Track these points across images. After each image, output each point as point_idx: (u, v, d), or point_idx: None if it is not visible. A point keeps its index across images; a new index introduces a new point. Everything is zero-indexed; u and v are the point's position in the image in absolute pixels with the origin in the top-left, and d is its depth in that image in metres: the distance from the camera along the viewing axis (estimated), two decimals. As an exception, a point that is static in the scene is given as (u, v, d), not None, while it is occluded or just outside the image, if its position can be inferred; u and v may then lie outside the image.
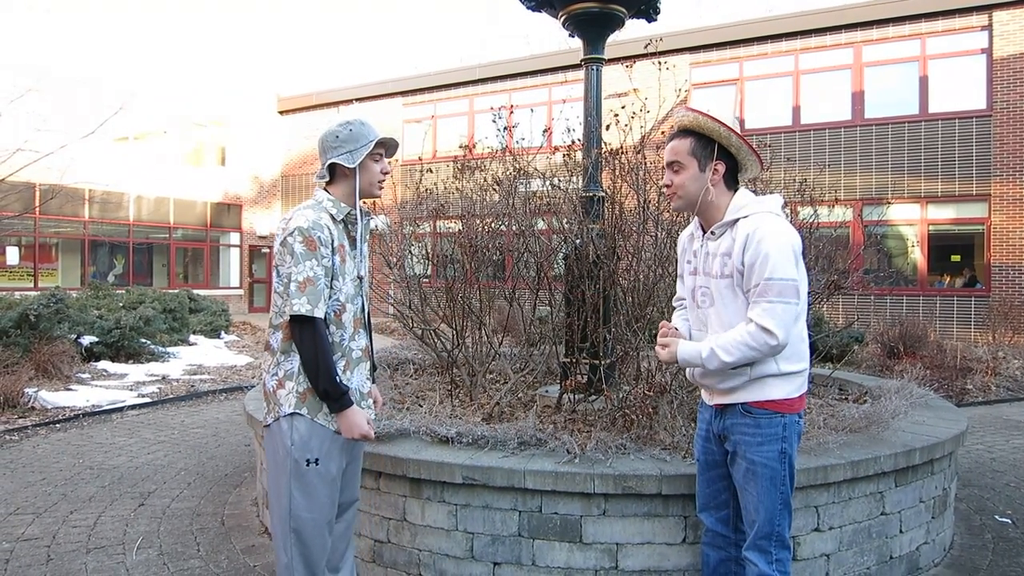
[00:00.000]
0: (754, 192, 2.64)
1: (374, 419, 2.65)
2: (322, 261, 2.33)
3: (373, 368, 2.65)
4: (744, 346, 2.24)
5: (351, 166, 2.43)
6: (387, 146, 2.55)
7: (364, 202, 2.57)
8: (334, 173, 2.47)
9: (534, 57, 18.74)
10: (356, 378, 2.50)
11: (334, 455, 2.41)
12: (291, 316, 2.30)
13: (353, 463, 2.59)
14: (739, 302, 2.33)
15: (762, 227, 2.27)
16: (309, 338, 2.31)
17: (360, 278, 2.53)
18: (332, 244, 2.37)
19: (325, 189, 2.49)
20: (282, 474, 2.37)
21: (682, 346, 2.41)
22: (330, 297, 2.37)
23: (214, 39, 24.69)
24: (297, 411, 2.35)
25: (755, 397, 2.33)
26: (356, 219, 2.49)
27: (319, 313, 2.30)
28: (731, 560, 2.53)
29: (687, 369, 2.56)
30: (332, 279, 2.38)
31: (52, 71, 12.24)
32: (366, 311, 2.58)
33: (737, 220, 2.34)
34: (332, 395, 2.34)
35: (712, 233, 2.42)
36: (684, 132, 2.44)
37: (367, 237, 2.62)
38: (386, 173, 2.56)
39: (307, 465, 2.35)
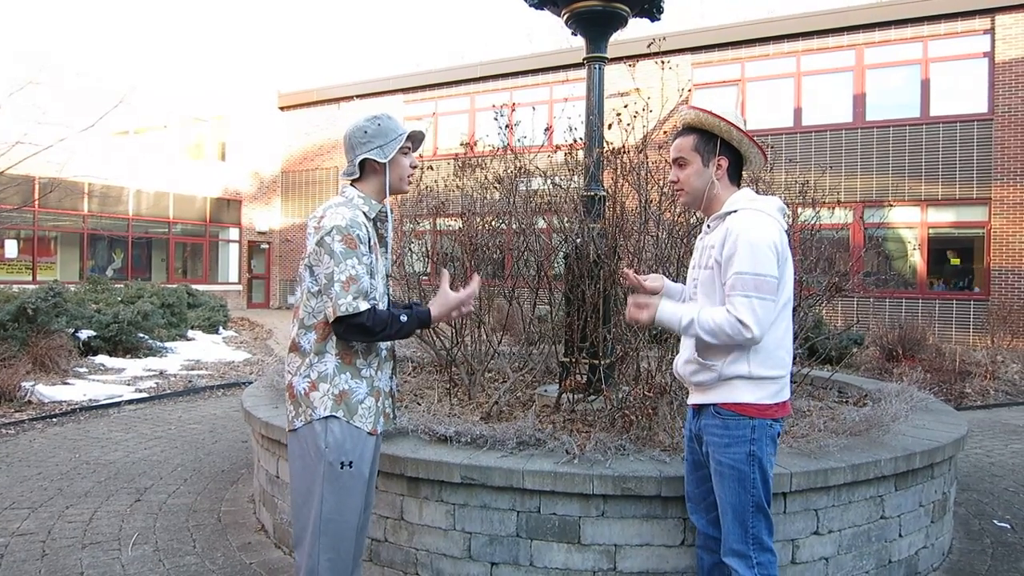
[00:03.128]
0: (756, 193, 2.64)
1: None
2: (363, 259, 2.28)
3: (394, 366, 2.63)
4: (721, 331, 2.23)
5: (383, 160, 2.39)
6: (415, 140, 2.52)
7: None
8: (362, 169, 2.43)
9: (536, 55, 18.73)
10: (384, 378, 2.48)
11: (367, 457, 2.38)
12: (338, 317, 2.23)
13: (373, 465, 2.54)
14: (718, 294, 2.35)
15: (744, 223, 2.29)
16: (365, 329, 2.25)
17: (388, 276, 2.51)
18: (369, 242, 2.34)
19: (352, 186, 2.45)
20: (312, 477, 2.33)
21: (664, 306, 2.38)
22: (367, 295, 2.31)
23: (216, 34, 24.68)
24: (333, 414, 2.31)
25: (724, 399, 2.34)
26: (387, 216, 2.47)
27: (364, 305, 2.24)
28: (725, 563, 2.52)
29: (674, 364, 2.56)
30: (371, 278, 2.34)
31: (52, 64, 12.21)
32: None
33: (728, 214, 2.37)
34: (421, 325, 2.42)
35: (708, 226, 2.47)
36: (688, 129, 2.49)
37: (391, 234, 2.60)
38: (414, 167, 2.53)
39: (341, 468, 2.31)
